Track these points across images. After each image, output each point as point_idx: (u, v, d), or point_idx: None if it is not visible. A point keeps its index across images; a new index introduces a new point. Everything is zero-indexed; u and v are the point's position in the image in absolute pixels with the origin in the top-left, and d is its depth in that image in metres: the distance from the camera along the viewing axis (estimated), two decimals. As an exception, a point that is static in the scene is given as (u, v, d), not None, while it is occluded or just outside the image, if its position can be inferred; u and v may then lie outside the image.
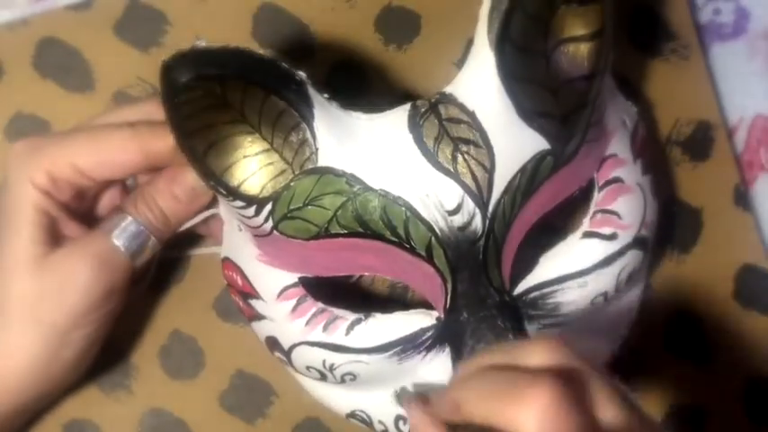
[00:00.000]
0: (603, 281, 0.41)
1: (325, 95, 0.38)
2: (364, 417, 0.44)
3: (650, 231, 0.43)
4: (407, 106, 0.39)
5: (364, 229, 0.38)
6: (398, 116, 0.38)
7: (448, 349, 0.40)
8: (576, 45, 0.39)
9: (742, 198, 0.50)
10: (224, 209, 0.44)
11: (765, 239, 0.50)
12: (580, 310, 0.42)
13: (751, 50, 0.50)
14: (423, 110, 0.38)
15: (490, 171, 0.38)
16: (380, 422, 0.43)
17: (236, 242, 0.43)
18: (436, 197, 0.38)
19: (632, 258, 0.42)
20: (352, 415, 0.44)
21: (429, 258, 0.39)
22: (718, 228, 0.50)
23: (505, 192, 0.38)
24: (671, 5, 0.49)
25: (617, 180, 0.42)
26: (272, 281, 0.42)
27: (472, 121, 0.38)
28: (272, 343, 0.43)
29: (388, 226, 0.38)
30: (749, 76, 0.50)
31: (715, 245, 0.49)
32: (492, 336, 0.39)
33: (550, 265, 0.41)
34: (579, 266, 0.41)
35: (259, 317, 0.43)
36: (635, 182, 0.43)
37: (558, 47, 0.39)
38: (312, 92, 0.37)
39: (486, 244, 0.39)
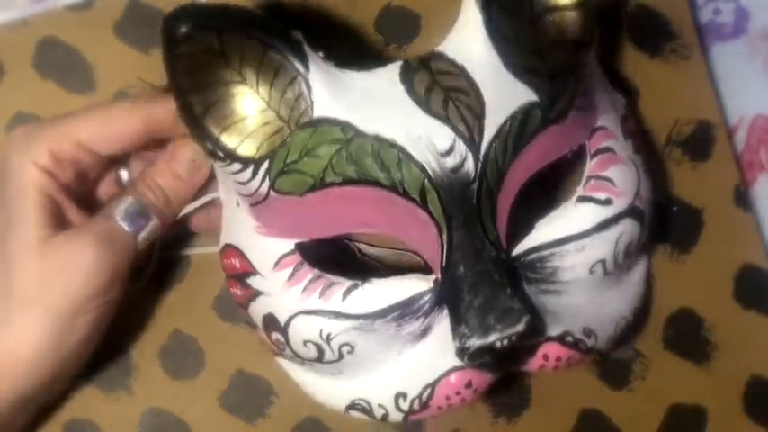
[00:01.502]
0: (601, 247, 0.41)
1: (321, 54, 0.39)
2: (364, 405, 0.43)
3: (646, 207, 0.43)
4: (399, 62, 0.40)
5: (358, 175, 0.39)
6: (391, 71, 0.40)
7: (446, 312, 0.40)
8: (561, 14, 0.41)
9: (742, 198, 0.50)
10: (223, 188, 0.44)
11: (765, 239, 0.50)
12: (580, 280, 0.41)
13: (751, 50, 0.50)
14: (414, 65, 0.40)
15: (480, 116, 0.39)
16: (380, 405, 0.43)
17: (235, 221, 0.43)
18: (428, 139, 0.38)
19: (628, 227, 0.42)
20: (351, 406, 0.44)
21: (423, 202, 0.39)
22: (718, 228, 0.50)
23: (496, 136, 0.39)
24: (671, 5, 0.49)
25: (608, 150, 0.43)
26: (268, 252, 0.42)
27: (461, 73, 0.39)
28: (270, 321, 0.42)
29: (381, 169, 0.39)
30: (749, 76, 0.50)
31: (715, 245, 0.49)
32: (489, 291, 0.39)
33: (547, 228, 0.41)
34: (576, 229, 0.41)
35: (256, 294, 0.42)
36: (626, 155, 0.43)
37: (544, 14, 0.40)
38: (308, 49, 0.39)
39: (480, 188, 0.39)
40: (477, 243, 0.39)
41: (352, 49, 0.48)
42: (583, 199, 0.42)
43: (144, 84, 0.48)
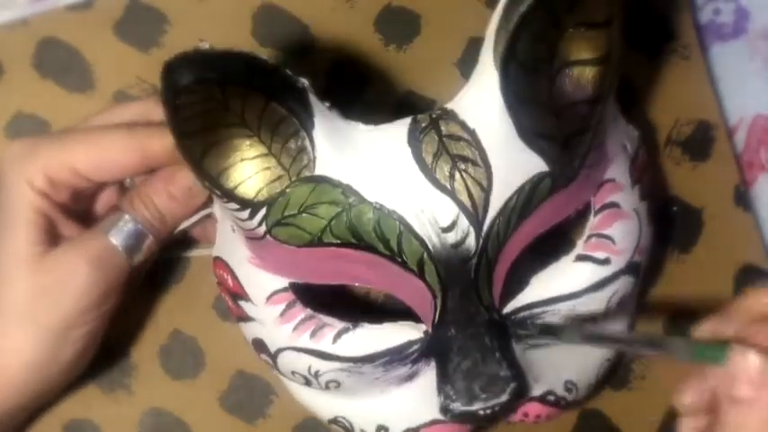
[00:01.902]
0: (593, 305, 0.41)
1: (327, 104, 0.37)
2: (346, 424, 0.44)
3: (643, 257, 0.43)
4: (408, 120, 0.39)
5: (357, 241, 0.38)
6: (398, 129, 0.38)
7: (433, 363, 0.40)
8: (582, 69, 0.38)
9: (742, 198, 0.50)
10: (218, 208, 0.44)
11: (765, 239, 0.50)
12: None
13: (751, 50, 0.50)
14: (423, 125, 0.38)
15: (487, 190, 0.38)
16: (362, 430, 0.43)
17: (229, 243, 0.43)
18: (431, 213, 0.38)
19: (623, 284, 0.42)
20: (334, 421, 0.44)
21: (420, 274, 0.39)
22: (718, 228, 0.50)
23: (501, 212, 0.38)
24: (671, 5, 0.49)
25: (614, 205, 0.42)
26: (261, 284, 0.42)
27: (472, 139, 0.38)
28: (259, 345, 0.43)
29: (381, 239, 0.38)
30: (749, 76, 0.50)
31: (715, 245, 0.49)
32: (478, 354, 0.39)
33: (541, 286, 0.41)
34: (570, 289, 0.41)
35: (247, 318, 0.43)
36: (631, 207, 0.42)
37: (564, 69, 0.38)
38: (314, 100, 0.37)
39: (479, 263, 0.39)
40: (472, 309, 0.39)
41: (353, 53, 0.48)
42: (581, 258, 0.41)
43: (144, 84, 0.48)
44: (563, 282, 0.41)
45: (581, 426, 0.48)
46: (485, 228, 0.38)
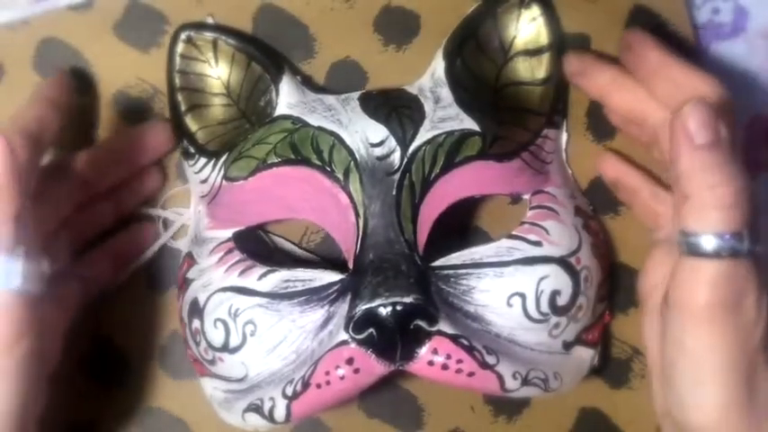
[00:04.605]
0: (521, 280, 0.41)
1: (299, 78, 0.46)
2: (257, 403, 0.42)
3: (584, 272, 0.43)
4: (362, 90, 0.45)
5: (295, 155, 0.42)
6: (353, 93, 0.45)
7: (349, 297, 0.40)
8: (525, 87, 0.46)
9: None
10: (192, 203, 0.47)
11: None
12: (498, 309, 0.41)
13: (750, 50, 0.50)
14: (374, 93, 0.45)
15: (417, 123, 0.42)
16: (270, 398, 0.41)
17: (194, 227, 0.47)
18: (364, 133, 0.42)
19: (556, 276, 0.42)
20: (246, 408, 0.43)
21: (345, 182, 0.41)
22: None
23: (428, 143, 0.42)
24: (669, 5, 0.49)
25: (550, 208, 0.44)
26: (209, 243, 0.45)
27: (413, 100, 0.44)
28: (193, 308, 0.44)
29: (315, 150, 0.42)
30: (748, 75, 0.50)
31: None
32: (391, 273, 0.40)
33: (469, 253, 0.42)
34: (498, 257, 0.42)
35: (188, 283, 0.45)
36: (571, 222, 0.44)
37: (508, 86, 0.45)
38: (287, 67, 0.46)
39: (402, 181, 0.41)
40: (392, 234, 0.40)
41: (353, 53, 0.48)
42: (513, 236, 0.43)
43: (144, 84, 0.48)
44: (492, 251, 0.42)
45: (581, 424, 0.48)
46: (410, 149, 0.42)
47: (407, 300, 0.39)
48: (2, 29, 0.48)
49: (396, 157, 0.41)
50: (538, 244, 0.42)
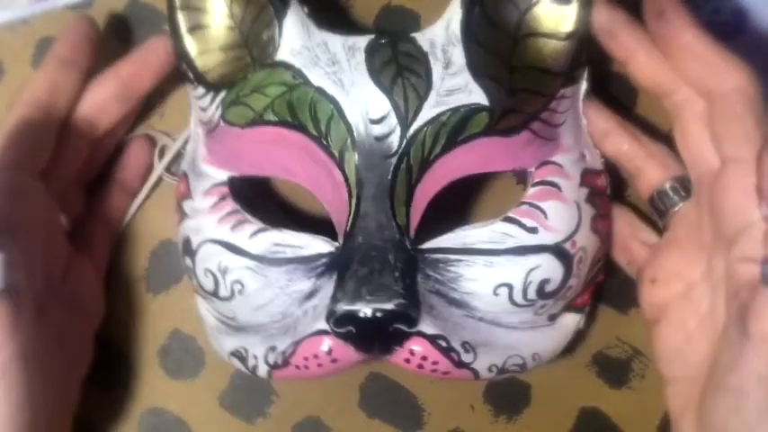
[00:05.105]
0: (511, 271, 0.40)
1: (305, 10, 0.42)
2: (242, 353, 0.43)
3: (578, 256, 0.42)
4: (371, 35, 0.42)
5: (292, 119, 0.40)
6: (360, 38, 0.42)
7: (335, 277, 0.40)
8: (547, 41, 0.41)
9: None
10: (193, 121, 0.46)
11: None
12: (482, 297, 0.41)
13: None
14: (383, 40, 0.41)
15: (422, 98, 0.40)
16: (254, 356, 0.42)
17: (193, 150, 0.45)
18: (365, 105, 0.40)
19: (548, 264, 0.41)
20: (233, 353, 0.44)
21: (340, 161, 0.40)
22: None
23: (431, 122, 0.40)
24: (670, 5, 0.48)
25: (553, 185, 0.42)
26: (205, 179, 0.43)
27: (423, 60, 0.41)
28: (186, 246, 0.43)
29: (313, 119, 0.40)
30: (748, 75, 0.50)
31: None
32: (377, 265, 0.39)
33: (462, 234, 0.41)
34: (490, 245, 0.41)
35: (184, 217, 0.44)
36: (573, 199, 0.42)
37: (529, 37, 0.41)
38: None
39: (398, 165, 0.40)
40: (383, 219, 0.39)
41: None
42: (509, 219, 0.41)
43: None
44: (485, 236, 0.41)
45: (581, 424, 0.48)
46: (411, 130, 0.40)
47: (389, 307, 0.38)
48: (1, 29, 0.48)
49: (395, 139, 0.40)
50: (533, 231, 0.41)
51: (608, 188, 0.45)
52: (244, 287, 0.41)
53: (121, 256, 0.49)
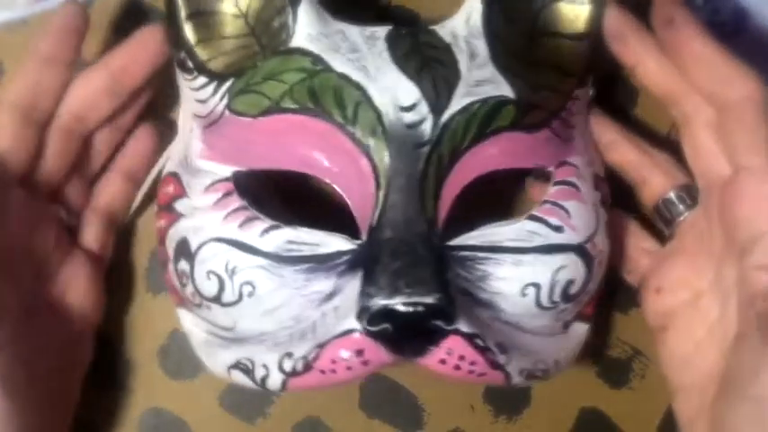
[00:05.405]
0: (539, 270, 0.40)
1: None
2: (247, 364, 0.40)
3: (598, 258, 0.41)
4: (390, 26, 0.40)
5: (314, 105, 0.38)
6: (380, 28, 0.40)
7: (358, 276, 0.38)
8: (561, 41, 0.41)
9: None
10: (183, 115, 0.43)
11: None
12: (510, 297, 0.40)
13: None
14: (403, 32, 0.40)
15: (451, 87, 0.39)
16: (264, 365, 0.39)
17: (182, 149, 0.42)
18: (394, 91, 0.38)
19: (573, 264, 0.40)
20: (234, 365, 0.40)
21: (369, 149, 0.38)
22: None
23: (462, 111, 0.38)
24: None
25: (573, 185, 0.41)
26: (205, 175, 0.41)
27: (446, 50, 0.39)
28: (181, 248, 0.40)
29: (338, 104, 0.38)
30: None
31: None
32: (410, 259, 0.37)
33: (490, 232, 0.40)
34: (518, 242, 0.39)
35: (178, 218, 0.41)
36: (591, 200, 0.42)
37: (544, 36, 0.41)
38: None
39: (431, 154, 0.38)
40: (412, 212, 0.38)
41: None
42: (534, 218, 0.40)
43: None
44: (512, 234, 0.40)
45: (581, 424, 0.49)
46: (443, 118, 0.38)
47: (429, 300, 0.36)
48: (2, 29, 0.48)
49: (427, 127, 0.38)
50: (559, 229, 0.40)
51: (609, 196, 0.44)
52: (255, 289, 0.39)
53: (122, 256, 0.49)
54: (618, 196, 0.45)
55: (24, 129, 0.42)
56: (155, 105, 0.48)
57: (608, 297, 0.47)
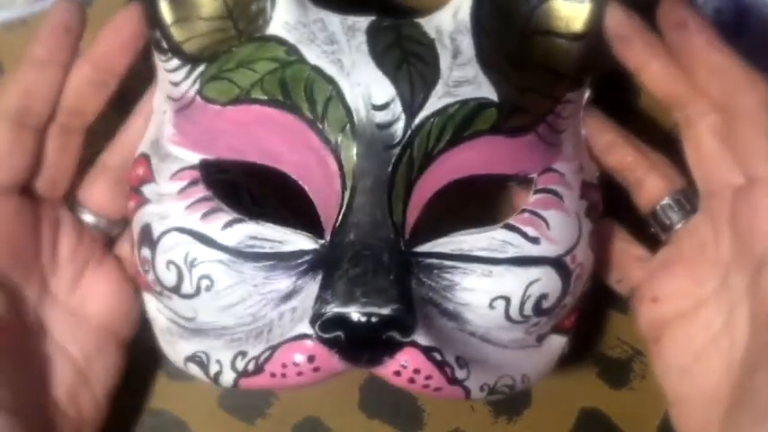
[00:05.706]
0: (510, 283, 0.38)
1: None
2: (202, 358, 0.40)
3: (577, 272, 0.40)
4: (372, 17, 0.39)
5: (284, 98, 0.37)
6: (361, 19, 0.39)
7: (318, 278, 0.37)
8: (555, 40, 0.40)
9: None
10: (158, 96, 0.42)
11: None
12: (477, 310, 0.38)
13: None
14: (385, 23, 0.39)
15: (429, 86, 0.37)
16: (218, 361, 0.39)
17: (155, 131, 0.41)
18: (367, 89, 0.37)
19: (548, 278, 0.39)
20: (190, 358, 0.40)
21: (336, 148, 0.37)
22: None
23: (438, 114, 0.37)
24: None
25: (555, 193, 0.40)
26: (173, 161, 0.40)
27: (429, 46, 0.38)
28: (145, 234, 0.40)
29: (309, 99, 0.37)
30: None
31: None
32: (370, 265, 0.36)
33: (460, 240, 0.38)
34: (490, 252, 0.38)
35: (144, 202, 0.40)
36: (574, 210, 0.40)
37: (538, 34, 0.40)
38: None
39: (401, 157, 0.37)
40: (378, 215, 0.36)
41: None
42: (510, 227, 0.39)
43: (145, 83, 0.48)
44: (484, 243, 0.38)
45: (581, 425, 0.49)
46: (417, 120, 0.37)
47: (385, 311, 0.35)
48: (1, 29, 0.48)
49: (399, 128, 0.37)
50: (535, 241, 0.38)
51: (601, 203, 0.43)
52: (213, 283, 0.38)
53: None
54: (609, 202, 0.44)
55: (20, 134, 0.41)
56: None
57: (608, 297, 0.47)
